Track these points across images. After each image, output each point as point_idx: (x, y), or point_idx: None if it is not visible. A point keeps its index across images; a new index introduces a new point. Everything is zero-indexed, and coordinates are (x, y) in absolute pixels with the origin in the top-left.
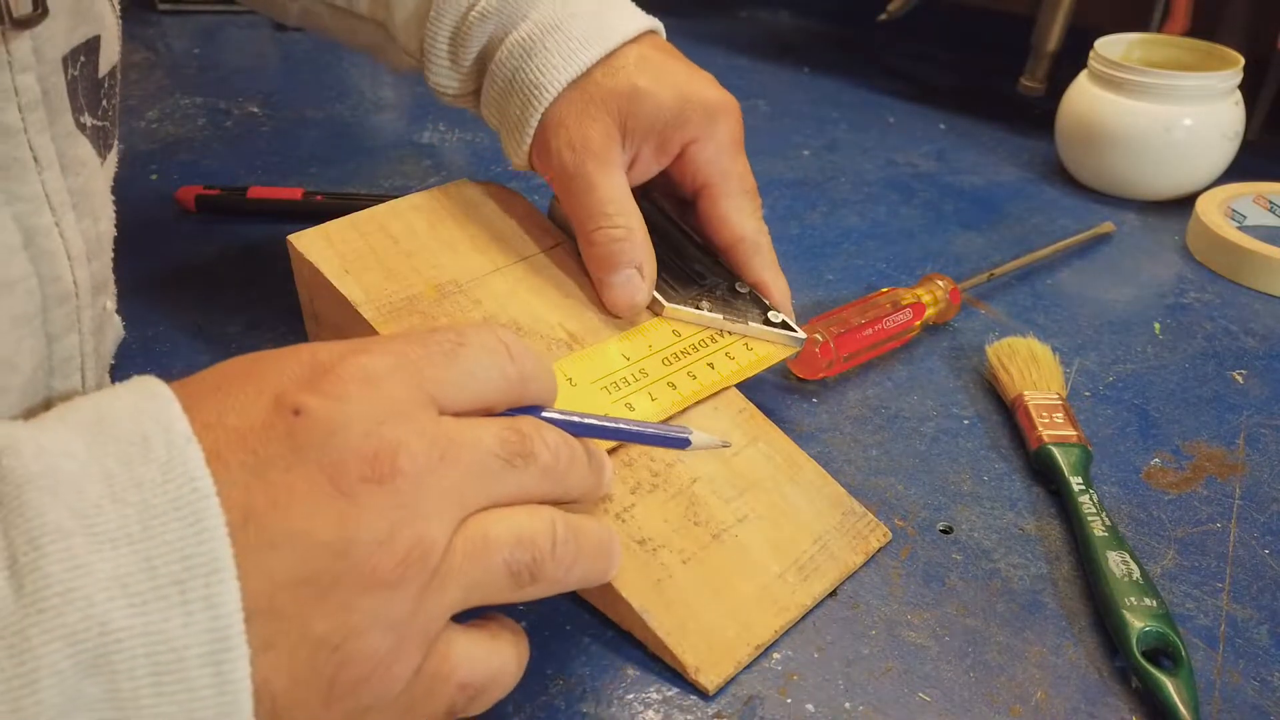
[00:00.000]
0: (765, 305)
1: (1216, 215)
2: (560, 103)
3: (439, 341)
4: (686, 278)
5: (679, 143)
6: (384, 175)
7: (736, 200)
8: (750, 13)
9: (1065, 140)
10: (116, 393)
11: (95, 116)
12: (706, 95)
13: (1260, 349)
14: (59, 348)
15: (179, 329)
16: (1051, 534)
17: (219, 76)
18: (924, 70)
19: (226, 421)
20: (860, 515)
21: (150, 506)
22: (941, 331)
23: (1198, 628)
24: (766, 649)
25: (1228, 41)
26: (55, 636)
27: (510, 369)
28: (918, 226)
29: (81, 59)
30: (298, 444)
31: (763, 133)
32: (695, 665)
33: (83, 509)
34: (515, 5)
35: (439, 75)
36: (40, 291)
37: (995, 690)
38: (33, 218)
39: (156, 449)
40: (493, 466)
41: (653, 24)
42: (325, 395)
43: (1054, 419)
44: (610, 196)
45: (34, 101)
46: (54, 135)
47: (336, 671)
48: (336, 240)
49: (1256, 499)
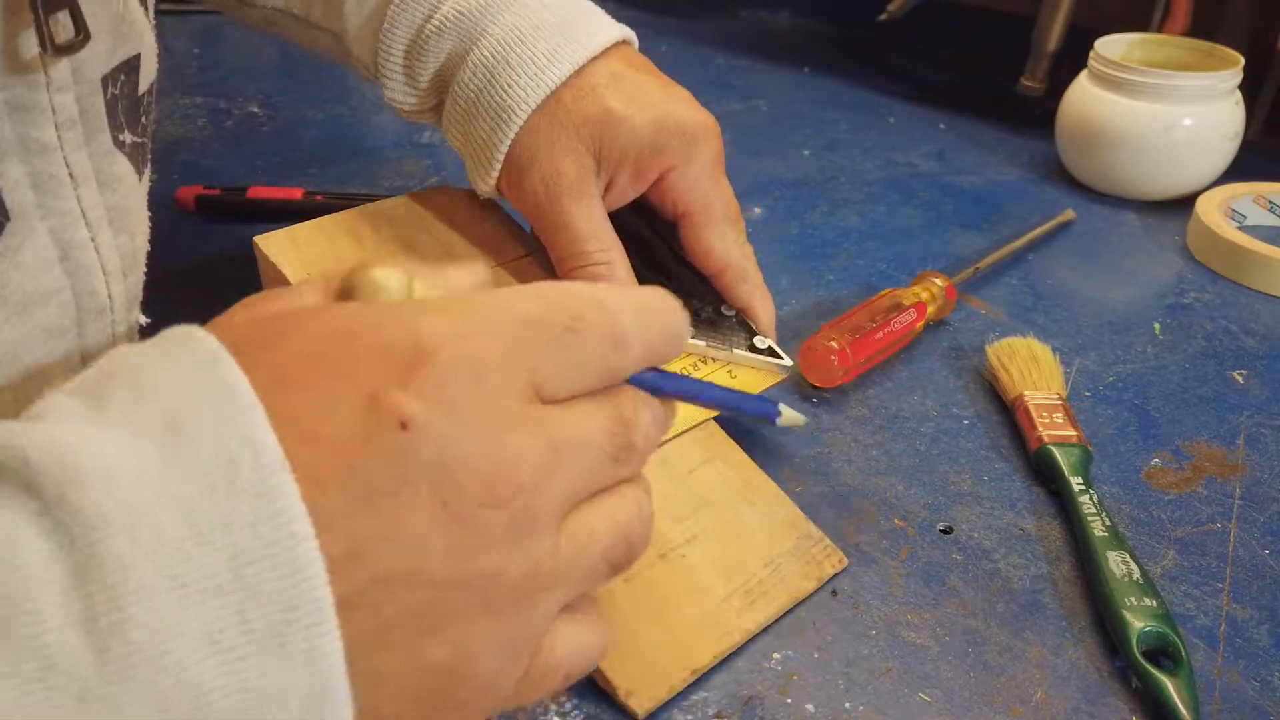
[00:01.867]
0: (751, 329)
1: (1217, 215)
2: (529, 129)
3: (551, 322)
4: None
5: (657, 170)
6: (384, 175)
7: (719, 228)
8: (750, 13)
9: (1065, 140)
10: (183, 374)
11: (135, 134)
12: (684, 118)
13: (1260, 349)
14: (93, 360)
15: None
16: (1052, 534)
17: (219, 76)
18: (924, 70)
19: (321, 432)
20: (816, 540)
21: (241, 552)
22: (941, 331)
23: (1198, 628)
24: (706, 673)
25: (1228, 41)
26: (147, 704)
27: (618, 361)
28: (918, 226)
29: (122, 78)
30: (406, 463)
31: (763, 133)
32: (626, 689)
33: (165, 557)
34: (474, 19)
35: (394, 91)
36: (75, 304)
37: (995, 690)
38: (68, 232)
39: (245, 477)
40: (601, 463)
41: (624, 33)
42: (432, 401)
43: (1054, 419)
44: (588, 232)
45: (70, 120)
46: (91, 152)
47: (451, 690)
48: (302, 243)
49: (1256, 499)
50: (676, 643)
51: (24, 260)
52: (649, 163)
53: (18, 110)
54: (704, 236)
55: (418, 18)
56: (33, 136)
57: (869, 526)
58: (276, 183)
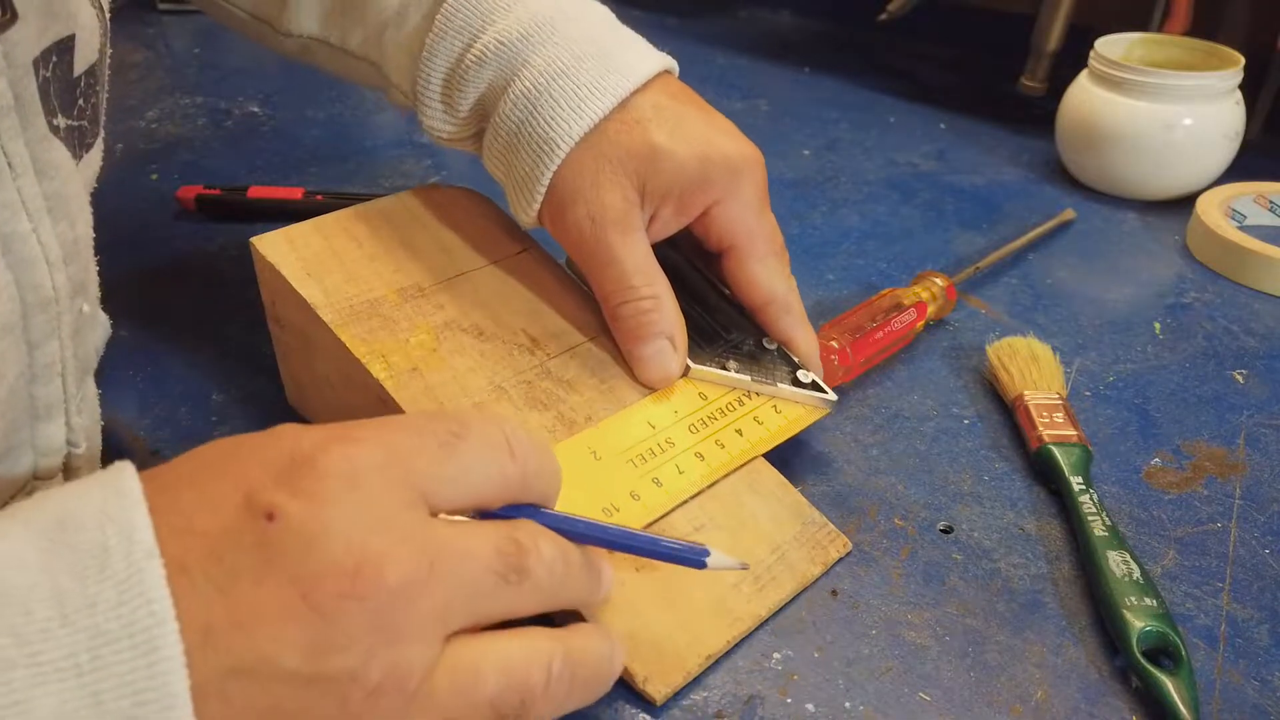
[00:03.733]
0: (794, 363)
1: (1217, 215)
2: (572, 162)
3: (435, 431)
4: (711, 332)
5: (702, 204)
6: (384, 175)
7: (765, 261)
8: (751, 12)
9: (1066, 140)
10: (87, 488)
11: (70, 117)
12: (729, 151)
13: (1261, 349)
14: (40, 354)
15: (179, 329)
16: (1052, 534)
17: (219, 76)
18: (924, 70)
19: (195, 524)
20: (820, 525)
21: (102, 633)
22: (942, 331)
23: (1198, 627)
24: (719, 659)
25: (1228, 41)
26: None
27: (511, 468)
28: (918, 226)
29: (54, 59)
30: (270, 553)
31: (763, 132)
32: (644, 675)
33: (28, 634)
34: (515, 49)
35: (432, 119)
36: (20, 299)
37: (995, 690)
38: (9, 225)
39: (115, 563)
40: (486, 583)
41: (665, 63)
42: (303, 496)
43: (1054, 419)
44: (635, 267)
45: (6, 107)
46: (27, 140)
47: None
48: (299, 243)
49: (1257, 499)
50: (689, 629)
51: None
52: (694, 197)
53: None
54: (749, 269)
55: (457, 47)
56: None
57: (869, 526)
58: (277, 182)
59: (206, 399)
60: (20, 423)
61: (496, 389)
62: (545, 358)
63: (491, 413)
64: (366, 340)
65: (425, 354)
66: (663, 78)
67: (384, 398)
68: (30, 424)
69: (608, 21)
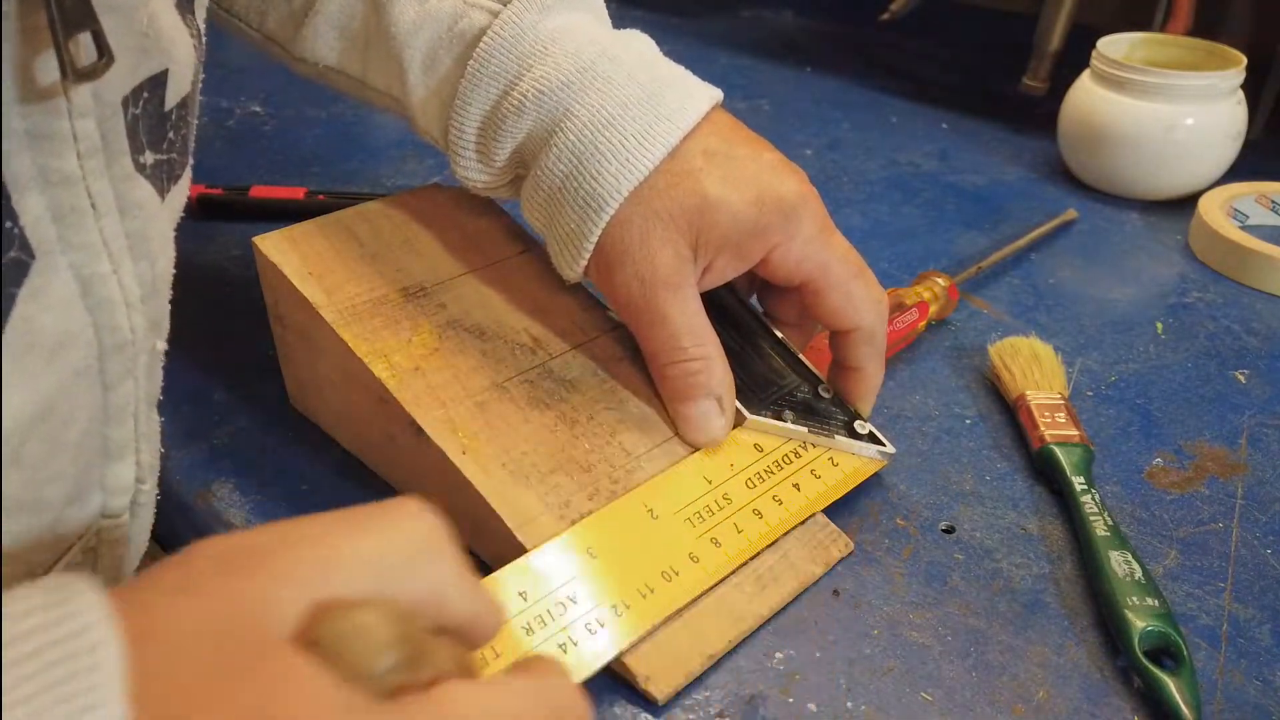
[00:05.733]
0: (850, 413)
1: (1219, 215)
2: (620, 220)
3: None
4: (764, 379)
5: (760, 251)
6: (386, 175)
7: (845, 288)
8: (753, 12)
9: (1067, 140)
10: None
11: (158, 151)
12: (782, 193)
13: (1262, 349)
14: (114, 396)
15: (181, 328)
16: (1053, 534)
17: (220, 76)
18: (926, 70)
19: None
20: (822, 525)
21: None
22: (943, 331)
23: (1200, 627)
24: (721, 659)
25: (1230, 41)
26: None
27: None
28: (920, 226)
29: (145, 95)
30: None
31: (765, 132)
32: (645, 674)
33: None
34: (556, 98)
35: (466, 169)
36: (97, 341)
37: (997, 690)
38: (89, 266)
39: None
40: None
41: (713, 97)
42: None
43: (1056, 419)
44: (685, 326)
45: (93, 148)
46: (112, 179)
47: None
48: (301, 243)
49: (1259, 499)
50: (691, 629)
51: (51, 301)
52: (751, 245)
53: (38, 140)
54: (828, 301)
55: (493, 93)
56: (53, 167)
57: (871, 526)
58: (279, 182)
59: (209, 398)
60: (92, 464)
61: (498, 388)
62: (547, 357)
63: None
64: (368, 340)
65: (427, 353)
66: (711, 115)
67: (386, 397)
68: (102, 464)
69: (650, 54)
